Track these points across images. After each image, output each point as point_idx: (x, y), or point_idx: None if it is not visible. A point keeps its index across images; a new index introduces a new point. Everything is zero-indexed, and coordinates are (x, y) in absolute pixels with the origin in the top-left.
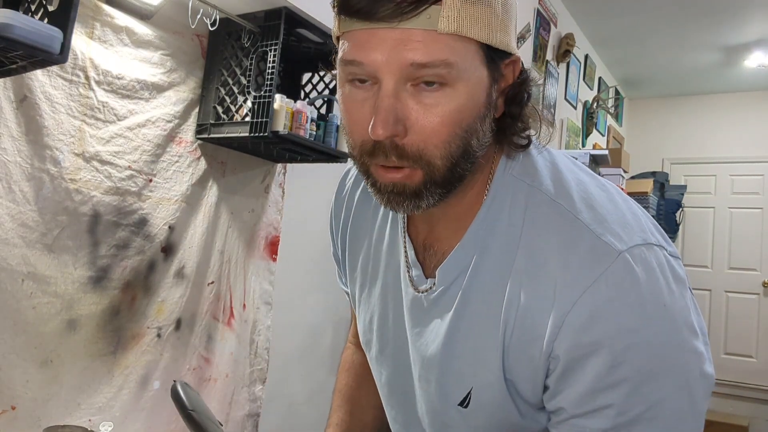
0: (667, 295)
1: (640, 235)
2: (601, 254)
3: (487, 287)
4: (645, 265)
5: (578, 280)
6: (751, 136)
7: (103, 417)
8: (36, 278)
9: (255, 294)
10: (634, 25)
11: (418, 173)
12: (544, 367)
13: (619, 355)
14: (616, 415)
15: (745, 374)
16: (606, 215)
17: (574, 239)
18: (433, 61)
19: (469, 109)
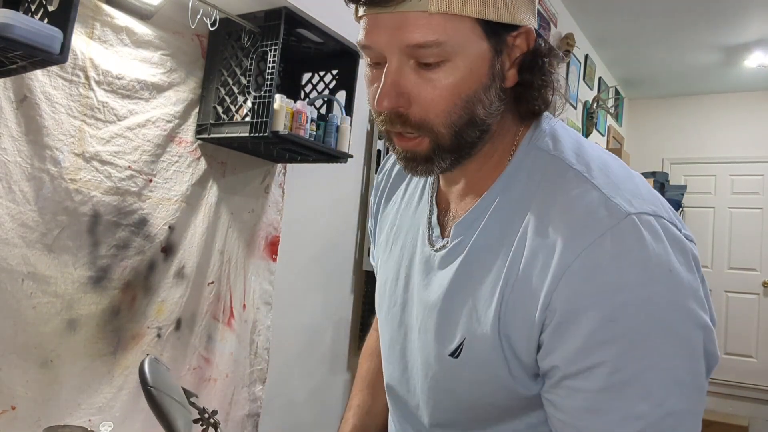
0: (675, 263)
1: (652, 207)
2: (609, 212)
3: (494, 242)
4: (653, 232)
5: (583, 234)
6: (751, 136)
7: (103, 417)
8: (36, 278)
9: (255, 294)
10: (634, 25)
11: (425, 140)
12: (540, 320)
13: (616, 309)
14: (608, 373)
15: (745, 374)
16: (620, 184)
17: (583, 196)
18: (426, 42)
19: (469, 81)
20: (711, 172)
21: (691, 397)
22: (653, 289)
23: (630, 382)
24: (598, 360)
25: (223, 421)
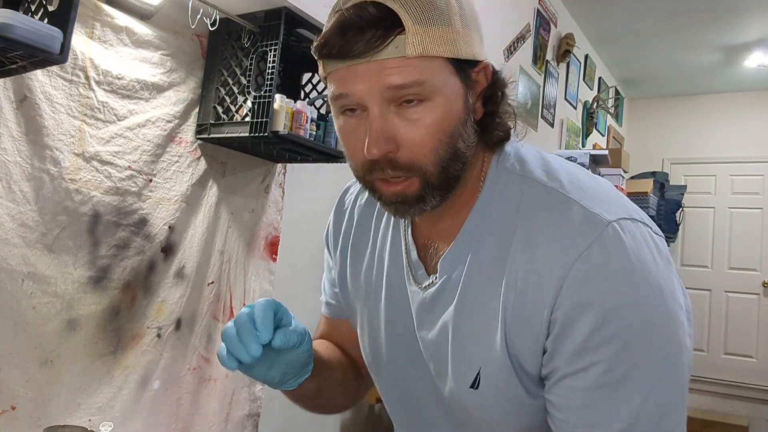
0: (652, 264)
1: (626, 211)
2: (592, 223)
3: (486, 270)
4: (632, 236)
5: (573, 247)
6: (751, 136)
7: (103, 417)
8: (36, 278)
9: (255, 294)
10: (634, 25)
11: (414, 181)
12: (544, 334)
13: (608, 314)
14: (602, 372)
15: (745, 374)
16: (594, 194)
17: (565, 212)
18: (407, 83)
19: (450, 117)
20: (711, 172)
21: (676, 388)
22: (639, 292)
23: (623, 379)
24: (594, 360)
25: (222, 421)
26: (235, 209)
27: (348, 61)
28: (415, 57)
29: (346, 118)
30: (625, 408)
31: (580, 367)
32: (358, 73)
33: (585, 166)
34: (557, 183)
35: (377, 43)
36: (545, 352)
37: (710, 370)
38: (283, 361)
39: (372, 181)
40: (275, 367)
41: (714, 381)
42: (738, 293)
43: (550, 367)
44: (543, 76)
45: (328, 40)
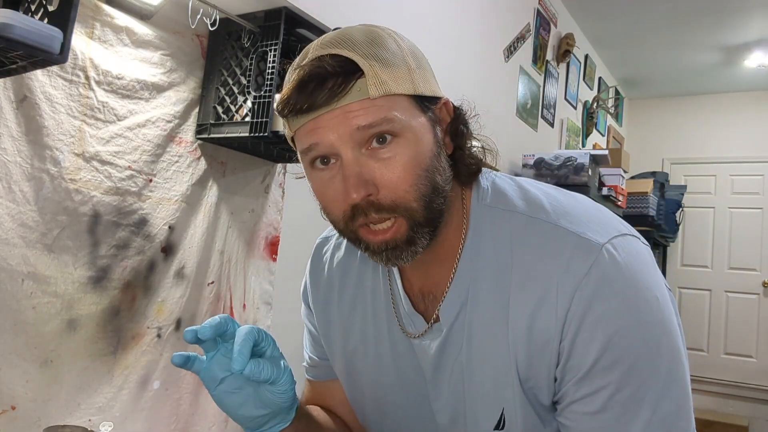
0: (646, 277)
1: (614, 227)
2: (586, 249)
3: (490, 312)
4: (625, 253)
5: (572, 277)
6: (751, 136)
7: (103, 417)
8: (36, 278)
9: (255, 294)
10: (634, 25)
11: (401, 223)
12: (555, 363)
13: (612, 337)
14: (611, 395)
15: (745, 374)
16: (580, 217)
17: (559, 243)
18: (375, 121)
19: (423, 152)
20: (711, 172)
21: (682, 395)
22: (640, 312)
23: (632, 399)
24: (601, 384)
25: (222, 422)
26: (235, 209)
27: (313, 113)
28: (379, 97)
29: (318, 173)
30: (635, 425)
31: (588, 392)
32: (325, 122)
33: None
34: (542, 212)
35: (339, 90)
36: (556, 380)
37: (710, 370)
38: (258, 397)
39: (355, 230)
40: (249, 403)
41: (714, 381)
42: (738, 293)
43: (561, 393)
44: (543, 76)
45: (290, 98)
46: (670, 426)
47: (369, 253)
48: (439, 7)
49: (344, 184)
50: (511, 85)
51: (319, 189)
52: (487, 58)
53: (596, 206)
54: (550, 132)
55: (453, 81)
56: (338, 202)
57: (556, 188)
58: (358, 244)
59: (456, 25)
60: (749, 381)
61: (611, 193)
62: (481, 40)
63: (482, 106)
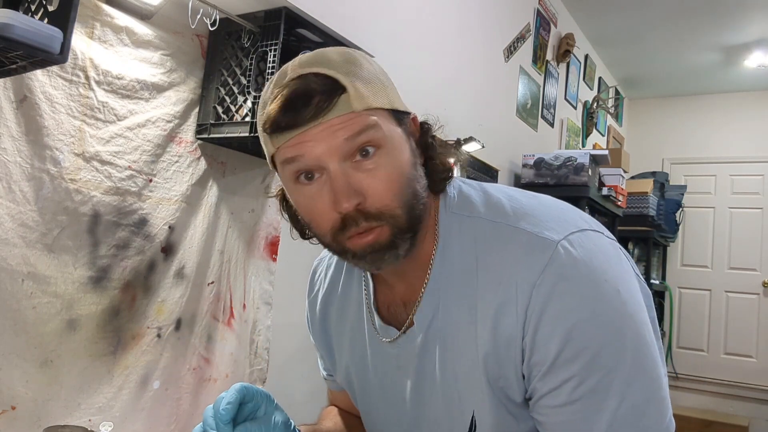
0: (607, 270)
1: (573, 223)
2: (542, 247)
3: (459, 317)
4: (581, 248)
5: (530, 275)
6: (751, 136)
7: (103, 417)
8: (36, 278)
9: (255, 294)
10: (634, 25)
11: (384, 229)
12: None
13: (571, 331)
14: (575, 387)
15: (745, 374)
16: (539, 216)
17: (518, 244)
18: (360, 129)
19: (403, 162)
20: (711, 172)
21: (651, 386)
22: (597, 304)
23: (596, 389)
24: (564, 377)
25: None
26: (235, 209)
27: (298, 129)
28: (362, 110)
29: (303, 187)
30: (603, 416)
31: (553, 386)
32: (312, 137)
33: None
34: (503, 216)
35: (325, 105)
36: (524, 377)
37: (710, 370)
38: None
39: (343, 242)
40: None
41: (714, 381)
42: (738, 293)
43: (530, 389)
44: (543, 76)
45: (276, 116)
46: (640, 415)
47: (354, 261)
48: (439, 7)
49: (333, 195)
50: (511, 85)
51: (305, 203)
52: (487, 58)
53: (558, 205)
54: (550, 132)
55: (453, 81)
56: (327, 214)
57: (520, 191)
58: (344, 255)
59: (456, 25)
60: (749, 381)
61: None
62: (481, 40)
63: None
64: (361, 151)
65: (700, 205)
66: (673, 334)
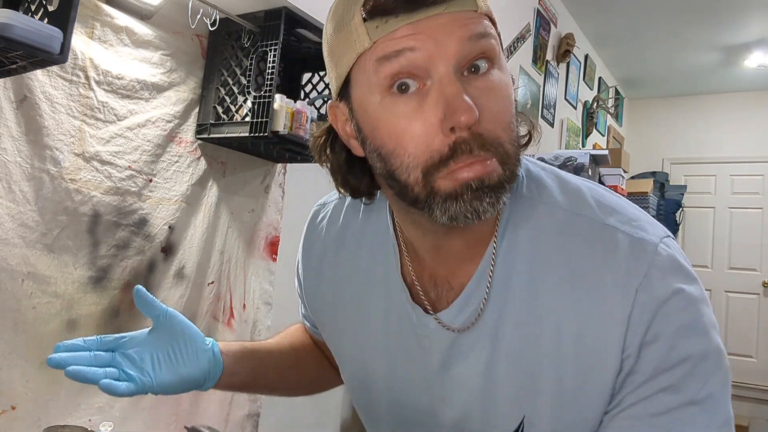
0: (693, 275)
1: (662, 227)
2: (642, 249)
3: (522, 314)
4: (678, 252)
5: (630, 278)
6: (751, 136)
7: (103, 417)
8: (36, 278)
9: (255, 294)
10: (635, 25)
11: (495, 164)
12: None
13: (674, 338)
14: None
15: (745, 374)
16: (628, 215)
17: (612, 242)
18: (483, 32)
19: (511, 92)
20: (711, 172)
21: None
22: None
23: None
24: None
25: (223, 421)
26: (235, 209)
27: (416, 14)
28: (484, 13)
29: (396, 100)
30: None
31: (644, 396)
32: (429, 29)
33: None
34: (588, 209)
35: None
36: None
37: None
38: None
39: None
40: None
41: None
42: (738, 293)
43: (614, 402)
44: (543, 76)
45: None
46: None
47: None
48: None
49: (448, 108)
50: None
51: (396, 124)
52: None
53: (635, 206)
54: (550, 132)
55: None
56: (429, 137)
57: (593, 182)
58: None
59: None
60: (749, 381)
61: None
62: None
63: None
64: (471, 66)
65: (700, 205)
66: None
